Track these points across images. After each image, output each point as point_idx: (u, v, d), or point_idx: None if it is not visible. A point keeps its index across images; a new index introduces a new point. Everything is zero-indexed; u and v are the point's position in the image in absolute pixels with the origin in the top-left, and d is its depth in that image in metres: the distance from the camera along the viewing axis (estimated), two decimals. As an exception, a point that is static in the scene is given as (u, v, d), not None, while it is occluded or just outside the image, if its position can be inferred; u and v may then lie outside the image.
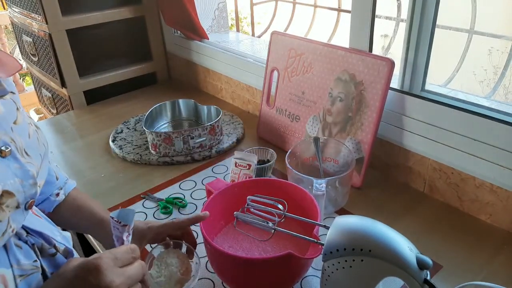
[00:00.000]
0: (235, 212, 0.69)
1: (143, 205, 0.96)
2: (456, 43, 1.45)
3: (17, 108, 0.53)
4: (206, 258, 0.78)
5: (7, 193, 0.45)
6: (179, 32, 1.60)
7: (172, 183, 1.03)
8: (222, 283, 0.73)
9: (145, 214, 0.93)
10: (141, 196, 0.99)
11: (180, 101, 1.33)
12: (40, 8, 1.36)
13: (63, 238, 0.58)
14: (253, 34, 1.90)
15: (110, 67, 1.60)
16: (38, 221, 0.57)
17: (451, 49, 1.46)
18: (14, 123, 0.51)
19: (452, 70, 1.34)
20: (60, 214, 0.71)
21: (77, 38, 1.46)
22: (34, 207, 0.56)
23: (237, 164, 0.94)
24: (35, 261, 0.51)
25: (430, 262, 0.54)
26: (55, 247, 0.55)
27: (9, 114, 0.51)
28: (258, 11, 2.15)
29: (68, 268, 0.48)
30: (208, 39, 1.54)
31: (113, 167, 1.13)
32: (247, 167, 0.93)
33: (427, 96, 0.92)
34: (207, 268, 0.77)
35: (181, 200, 0.96)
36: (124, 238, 0.55)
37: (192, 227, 0.88)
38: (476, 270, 0.74)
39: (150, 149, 1.15)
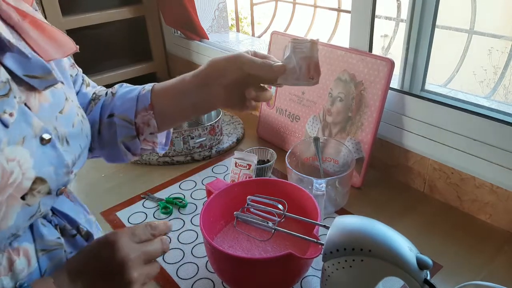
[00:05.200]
0: (235, 212, 0.69)
1: (143, 205, 0.96)
2: (456, 43, 1.45)
3: (66, 98, 0.54)
4: (206, 258, 0.78)
5: (40, 180, 0.46)
6: (179, 32, 1.60)
7: (172, 183, 1.03)
8: (222, 283, 0.73)
9: (145, 214, 0.93)
10: (141, 196, 0.99)
11: (180, 101, 1.33)
12: (40, 8, 1.36)
13: (86, 222, 0.59)
14: (253, 34, 1.90)
15: (110, 67, 1.60)
16: (67, 203, 0.57)
17: (451, 49, 1.46)
18: (60, 112, 0.52)
19: (452, 70, 1.34)
20: (159, 109, 0.65)
21: (77, 38, 1.45)
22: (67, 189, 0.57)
23: (237, 164, 0.94)
24: (59, 238, 0.52)
25: (430, 262, 0.54)
26: (78, 228, 0.56)
27: (57, 104, 0.52)
28: (258, 11, 2.15)
29: (89, 244, 0.51)
30: (208, 39, 1.54)
31: (113, 167, 1.13)
32: (247, 167, 0.93)
33: (427, 96, 0.92)
34: (207, 268, 0.77)
35: (181, 200, 0.96)
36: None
37: (192, 227, 0.88)
38: (476, 270, 0.74)
39: (150, 149, 1.15)
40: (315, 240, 0.63)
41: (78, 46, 0.54)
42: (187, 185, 1.02)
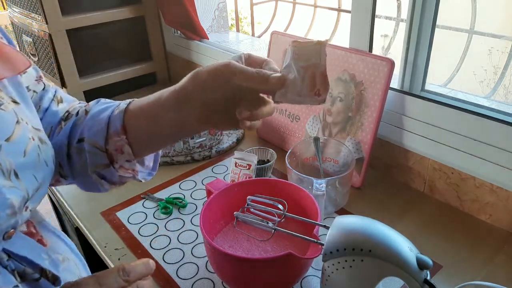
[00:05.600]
0: (235, 212, 0.68)
1: (143, 205, 0.96)
2: (456, 43, 1.45)
3: (18, 121, 0.46)
4: (206, 258, 0.78)
5: None
6: (179, 32, 1.60)
7: (172, 183, 1.03)
8: (222, 283, 0.73)
9: (145, 214, 0.93)
10: (141, 196, 0.99)
11: (180, 101, 1.33)
12: (40, 8, 1.36)
13: (51, 263, 0.51)
14: (253, 34, 1.90)
15: (110, 67, 1.60)
16: (26, 244, 0.49)
17: (451, 49, 1.46)
18: (7, 140, 0.44)
19: (452, 70, 1.35)
20: (134, 133, 0.56)
21: (77, 38, 1.46)
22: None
23: (237, 164, 0.94)
24: (16, 286, 0.45)
25: (430, 262, 0.54)
26: (41, 271, 0.48)
27: (3, 130, 0.44)
28: (258, 11, 2.15)
29: None
30: (208, 39, 1.53)
31: (113, 167, 1.13)
32: (247, 167, 0.93)
33: (427, 96, 0.92)
34: (207, 268, 0.77)
35: (181, 200, 0.96)
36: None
37: (192, 227, 0.88)
38: (476, 270, 0.74)
39: (150, 149, 1.15)
40: (315, 240, 0.63)
41: (31, 62, 0.49)
42: (187, 185, 1.02)
